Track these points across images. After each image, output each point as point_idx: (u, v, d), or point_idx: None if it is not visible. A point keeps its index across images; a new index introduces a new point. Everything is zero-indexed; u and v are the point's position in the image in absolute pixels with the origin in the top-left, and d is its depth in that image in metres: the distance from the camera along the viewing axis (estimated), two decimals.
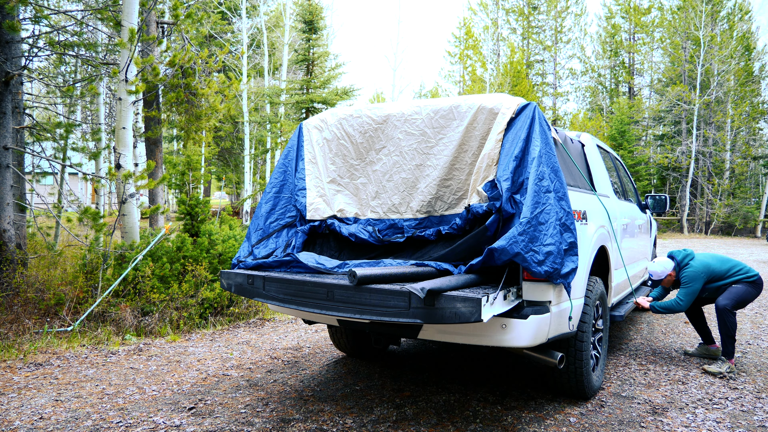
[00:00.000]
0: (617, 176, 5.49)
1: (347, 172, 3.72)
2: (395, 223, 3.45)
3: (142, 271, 5.83)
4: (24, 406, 3.48)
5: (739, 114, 28.50)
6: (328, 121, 3.81)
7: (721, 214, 27.26)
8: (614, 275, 4.28)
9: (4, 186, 6.08)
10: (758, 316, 6.51)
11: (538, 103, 26.52)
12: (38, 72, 10.86)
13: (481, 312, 2.41)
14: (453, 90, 37.45)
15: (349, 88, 22.28)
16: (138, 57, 6.37)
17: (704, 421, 3.30)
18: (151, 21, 10.16)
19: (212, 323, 5.93)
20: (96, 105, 16.73)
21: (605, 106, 36.29)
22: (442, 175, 3.32)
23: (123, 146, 6.26)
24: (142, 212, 8.17)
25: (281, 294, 3.11)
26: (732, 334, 4.26)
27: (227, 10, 21.97)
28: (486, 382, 3.98)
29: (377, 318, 2.68)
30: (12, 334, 4.98)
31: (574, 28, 37.89)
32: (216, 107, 9.21)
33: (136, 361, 4.57)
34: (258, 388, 3.86)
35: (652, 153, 30.63)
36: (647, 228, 6.36)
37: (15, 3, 5.74)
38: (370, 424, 3.19)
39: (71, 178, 22.01)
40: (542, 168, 2.85)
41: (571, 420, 3.27)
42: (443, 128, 3.35)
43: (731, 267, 4.45)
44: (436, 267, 2.99)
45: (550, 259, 2.71)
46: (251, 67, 23.67)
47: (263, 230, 3.70)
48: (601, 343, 3.88)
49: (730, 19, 29.78)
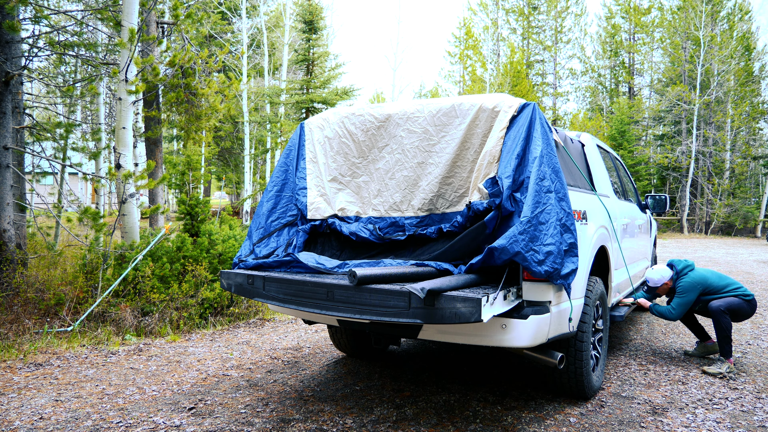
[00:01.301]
0: (617, 176, 5.49)
1: (349, 171, 3.72)
2: (396, 221, 3.45)
3: (142, 271, 5.83)
4: (24, 406, 3.48)
5: (739, 114, 28.50)
6: (330, 120, 3.81)
7: (721, 214, 27.27)
8: (614, 275, 4.28)
9: (4, 186, 6.08)
10: (758, 316, 6.51)
11: (538, 103, 26.52)
12: (38, 72, 10.86)
13: (481, 312, 2.41)
14: (453, 90, 37.46)
15: (349, 88, 22.29)
16: (138, 57, 6.37)
17: (704, 421, 3.29)
18: (151, 21, 10.16)
19: (212, 323, 5.93)
20: (96, 105, 16.73)
21: (605, 106, 36.30)
22: (444, 173, 3.32)
23: (123, 146, 6.26)
24: (142, 212, 8.17)
25: (281, 294, 3.11)
26: (728, 334, 4.26)
27: (227, 10, 21.97)
28: (486, 382, 3.98)
29: (377, 318, 2.68)
30: (12, 334, 4.98)
31: (574, 28, 37.91)
32: (216, 107, 9.21)
33: (136, 361, 4.57)
34: (258, 388, 3.86)
35: (652, 153, 30.63)
36: (647, 228, 6.36)
37: (15, 3, 5.74)
38: (370, 424, 3.19)
39: (71, 178, 22.02)
40: (543, 168, 2.85)
41: (571, 420, 3.27)
42: (446, 126, 3.35)
43: (728, 284, 4.46)
44: (436, 267, 2.99)
45: (550, 259, 2.71)
46: (251, 67, 23.67)
47: (264, 229, 3.71)
48: (601, 343, 3.88)
49: (730, 19, 29.79)
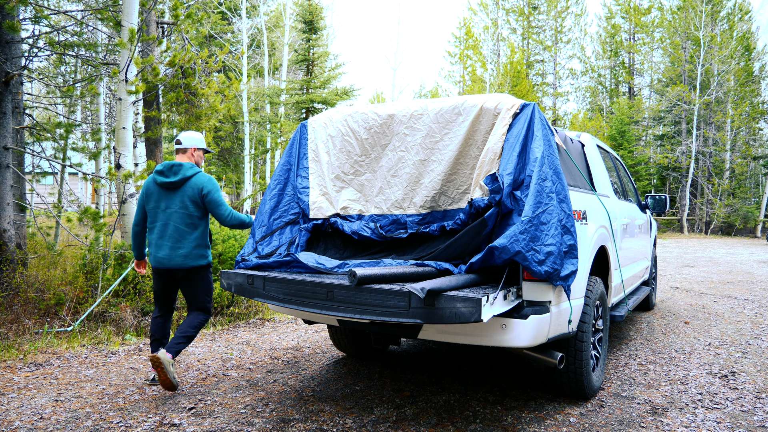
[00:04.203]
0: (617, 176, 5.49)
1: (351, 168, 3.72)
2: (398, 219, 3.45)
3: None
4: (24, 406, 3.48)
5: (739, 114, 28.51)
6: (334, 118, 3.82)
7: (721, 214, 27.27)
8: (614, 275, 4.28)
9: (4, 186, 6.08)
10: (758, 316, 6.51)
11: (538, 103, 26.53)
12: (38, 72, 10.86)
13: (481, 312, 2.41)
14: (453, 90, 37.46)
15: (349, 88, 22.29)
16: (138, 57, 6.37)
17: (704, 421, 3.29)
18: (151, 21, 10.16)
19: (212, 323, 5.93)
20: (96, 105, 16.73)
21: (605, 106, 36.30)
22: (446, 170, 3.32)
23: (123, 146, 6.26)
24: None
25: (281, 294, 3.11)
26: None
27: (227, 10, 21.96)
28: (486, 382, 3.98)
29: (377, 318, 2.68)
30: (12, 334, 4.98)
31: (574, 28, 37.91)
32: (216, 107, 9.20)
33: (136, 361, 4.57)
34: (258, 388, 3.86)
35: (652, 153, 30.64)
36: (647, 228, 6.36)
37: (15, 3, 5.74)
38: (370, 424, 3.19)
39: (71, 178, 22.01)
40: (545, 169, 2.85)
41: (571, 420, 3.27)
42: (449, 123, 3.35)
43: None
44: (436, 267, 2.99)
45: (550, 260, 2.71)
46: (251, 67, 23.66)
47: (267, 227, 3.71)
48: (601, 343, 3.88)
49: (730, 19, 29.79)
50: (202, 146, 4.01)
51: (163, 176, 3.78)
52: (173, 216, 3.76)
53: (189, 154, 3.95)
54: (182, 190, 3.77)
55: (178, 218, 3.76)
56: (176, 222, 3.76)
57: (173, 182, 3.75)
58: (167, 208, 3.77)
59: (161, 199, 3.79)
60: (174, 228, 3.75)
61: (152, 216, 3.83)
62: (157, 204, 3.80)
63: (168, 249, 3.75)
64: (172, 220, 3.76)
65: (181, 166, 3.79)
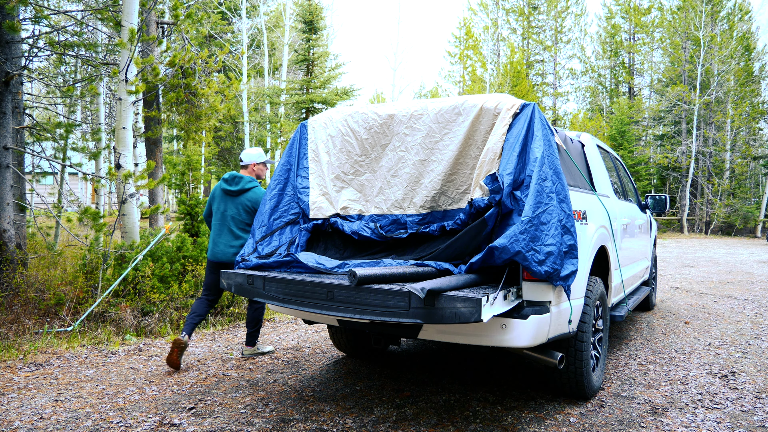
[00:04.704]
0: (617, 176, 5.49)
1: (352, 168, 3.72)
2: (398, 219, 3.45)
3: (142, 271, 5.84)
4: (24, 406, 3.48)
5: (739, 114, 28.51)
6: (334, 118, 3.82)
7: (721, 214, 27.28)
8: (614, 275, 4.28)
9: (4, 186, 6.08)
10: (758, 316, 6.52)
11: (538, 103, 26.53)
12: (38, 72, 10.86)
13: (481, 312, 2.41)
14: (453, 90, 37.46)
15: (349, 88, 22.31)
16: (138, 57, 6.37)
17: (704, 421, 3.29)
18: (151, 21, 10.16)
19: (212, 323, 5.93)
20: (96, 105, 16.73)
21: (605, 106, 36.30)
22: (447, 170, 3.31)
23: (123, 146, 6.26)
24: (142, 212, 8.17)
25: (281, 294, 3.11)
26: None
27: (227, 10, 21.97)
28: (486, 382, 3.98)
29: (377, 318, 2.68)
30: (12, 334, 4.98)
31: (574, 28, 37.92)
32: (216, 107, 9.21)
33: (136, 361, 4.57)
34: (258, 388, 3.87)
35: (652, 153, 30.64)
36: (647, 228, 6.36)
37: (15, 3, 5.74)
38: (370, 424, 3.19)
39: (71, 178, 22.01)
40: (545, 169, 2.85)
41: (571, 420, 3.27)
42: (449, 123, 3.35)
43: None
44: (436, 267, 2.99)
45: (550, 260, 2.71)
46: (251, 67, 23.67)
47: (267, 227, 3.72)
48: (601, 343, 3.88)
49: (730, 19, 29.80)
50: (261, 161, 4.68)
51: (226, 184, 4.49)
52: (230, 219, 4.44)
53: (250, 168, 4.64)
54: (239, 198, 4.45)
55: (233, 221, 4.43)
56: (231, 225, 4.43)
57: (233, 191, 4.45)
58: (225, 211, 4.46)
59: (222, 203, 4.49)
60: (228, 229, 4.44)
61: (215, 216, 4.53)
62: (219, 206, 4.51)
63: (223, 245, 4.43)
64: (228, 223, 4.44)
65: (241, 178, 4.49)
